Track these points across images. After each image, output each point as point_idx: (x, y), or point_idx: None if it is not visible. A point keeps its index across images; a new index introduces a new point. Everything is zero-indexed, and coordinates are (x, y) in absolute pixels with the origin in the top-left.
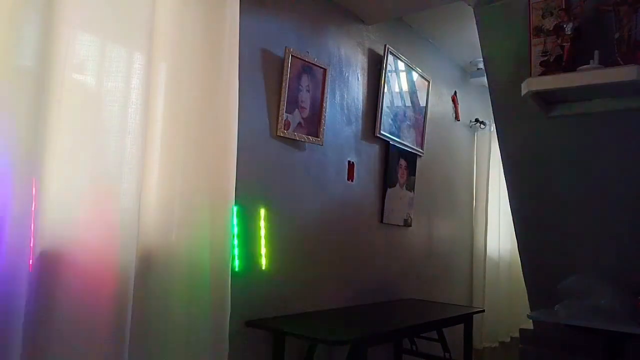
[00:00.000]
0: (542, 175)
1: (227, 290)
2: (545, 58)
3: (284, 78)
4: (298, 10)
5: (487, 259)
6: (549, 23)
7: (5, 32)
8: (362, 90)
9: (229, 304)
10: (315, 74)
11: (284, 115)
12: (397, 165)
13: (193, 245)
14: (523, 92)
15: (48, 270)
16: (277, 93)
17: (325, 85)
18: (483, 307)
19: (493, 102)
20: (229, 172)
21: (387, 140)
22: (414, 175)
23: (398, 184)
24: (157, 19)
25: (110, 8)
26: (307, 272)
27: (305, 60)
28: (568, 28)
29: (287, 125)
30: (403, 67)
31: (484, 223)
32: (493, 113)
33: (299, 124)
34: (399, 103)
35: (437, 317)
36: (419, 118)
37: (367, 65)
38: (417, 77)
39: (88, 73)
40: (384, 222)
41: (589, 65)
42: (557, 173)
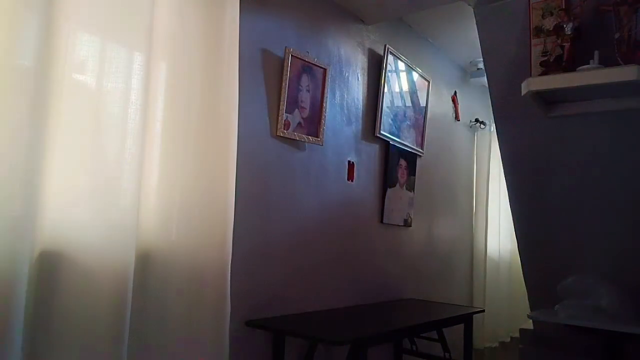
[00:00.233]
0: (542, 175)
1: (227, 291)
2: (545, 58)
3: (284, 78)
4: (298, 10)
5: (487, 259)
6: (549, 23)
7: (5, 31)
8: (362, 90)
9: (229, 304)
10: (315, 74)
11: (284, 115)
12: (397, 165)
13: (193, 245)
14: (523, 92)
15: (48, 270)
16: (277, 93)
17: (325, 85)
18: (483, 307)
19: (493, 102)
20: (229, 172)
21: (387, 140)
22: (414, 175)
23: (398, 184)
24: (157, 19)
25: (110, 8)
26: (307, 272)
27: (305, 60)
28: (568, 28)
29: (287, 125)
30: (403, 67)
31: (484, 223)
32: (493, 113)
33: (299, 124)
34: (399, 103)
35: (437, 317)
36: (419, 118)
37: (367, 65)
38: (417, 77)
39: (88, 73)
40: (384, 222)
41: (589, 65)
42: (557, 173)
